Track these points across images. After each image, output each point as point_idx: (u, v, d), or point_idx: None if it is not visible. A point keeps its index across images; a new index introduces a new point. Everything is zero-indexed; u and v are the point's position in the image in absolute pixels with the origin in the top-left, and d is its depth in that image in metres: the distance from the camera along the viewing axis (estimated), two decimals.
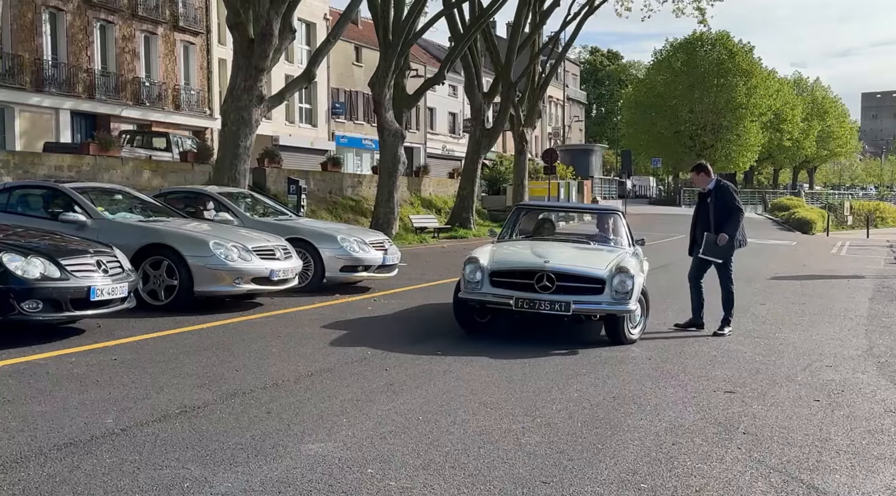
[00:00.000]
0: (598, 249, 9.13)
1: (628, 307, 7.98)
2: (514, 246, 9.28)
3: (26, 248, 7.32)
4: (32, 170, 18.84)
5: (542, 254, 8.36)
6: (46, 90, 27.98)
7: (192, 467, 4.22)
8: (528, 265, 8.10)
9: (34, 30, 27.45)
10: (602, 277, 7.98)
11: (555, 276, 7.87)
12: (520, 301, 7.87)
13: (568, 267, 8.05)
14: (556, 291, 7.85)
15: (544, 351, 7.75)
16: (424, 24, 25.82)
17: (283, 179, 24.53)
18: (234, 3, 16.95)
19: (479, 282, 8.08)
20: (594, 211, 12.04)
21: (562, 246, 9.21)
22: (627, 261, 8.32)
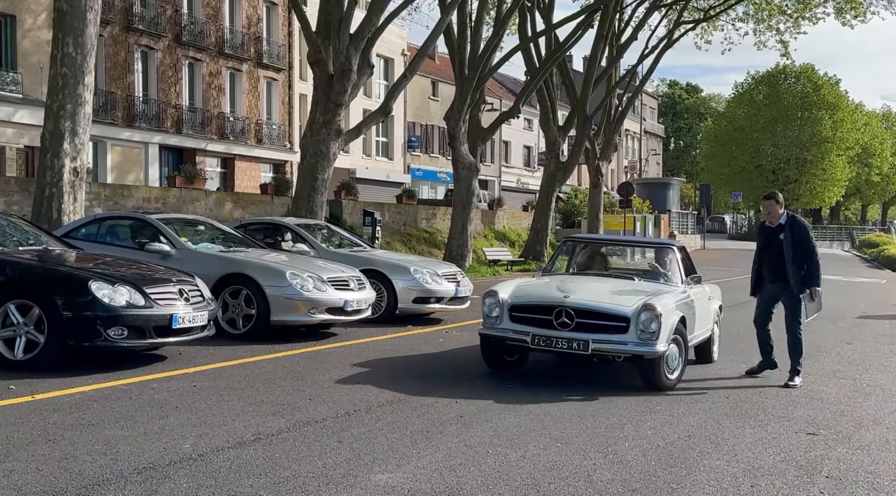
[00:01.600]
0: (636, 286, 8.35)
1: (655, 348, 7.22)
2: (545, 280, 8.76)
3: (113, 277, 7.62)
4: (122, 201, 19.64)
5: (567, 289, 7.74)
6: (137, 125, 29.23)
7: (266, 494, 4.28)
8: (547, 300, 7.56)
9: (127, 68, 28.79)
10: (625, 315, 7.30)
11: (574, 312, 7.31)
12: (536, 338, 7.35)
13: (588, 302, 7.44)
14: (575, 328, 7.29)
15: (615, 386, 7.62)
16: (500, 58, 26.05)
17: (358, 211, 24.93)
18: (315, 40, 17.46)
19: (499, 317, 7.63)
20: (645, 245, 11.02)
21: (597, 281, 8.54)
22: (660, 299, 7.55)
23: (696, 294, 8.57)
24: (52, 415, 5.68)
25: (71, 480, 4.33)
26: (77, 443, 5.01)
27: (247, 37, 33.68)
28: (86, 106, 12.32)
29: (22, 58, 24.91)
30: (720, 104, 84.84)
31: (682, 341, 7.68)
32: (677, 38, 34.02)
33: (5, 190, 17.44)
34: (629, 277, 8.79)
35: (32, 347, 7.14)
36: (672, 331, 7.40)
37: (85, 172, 12.61)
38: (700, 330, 8.57)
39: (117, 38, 28.21)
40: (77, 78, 12.10)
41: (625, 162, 69.83)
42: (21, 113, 24.32)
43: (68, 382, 6.68)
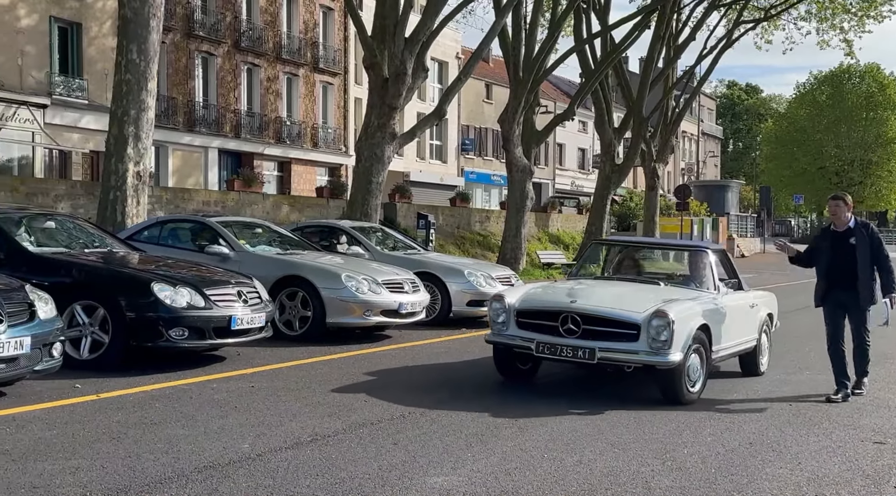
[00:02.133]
0: (657, 291, 7.65)
1: (668, 359, 6.66)
2: (560, 284, 8.39)
3: (175, 279, 7.78)
4: (183, 205, 20.08)
5: (576, 294, 7.26)
6: (197, 130, 29.85)
7: (322, 494, 4.32)
8: (553, 305, 7.10)
9: (188, 73, 29.43)
10: (635, 321, 6.77)
11: (580, 318, 6.84)
12: (541, 345, 6.91)
13: (595, 308, 6.95)
14: (582, 336, 6.82)
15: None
16: (555, 60, 25.90)
17: (412, 214, 25.03)
18: (371, 44, 17.60)
19: (505, 323, 7.20)
20: (675, 248, 10.10)
21: (615, 285, 8.00)
22: (676, 304, 6.96)
23: (731, 300, 7.96)
24: (116, 413, 5.82)
25: (134, 478, 4.43)
26: (140, 442, 5.12)
27: (303, 42, 34.13)
28: (149, 111, 12.62)
29: (88, 65, 25.65)
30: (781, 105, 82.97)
31: (704, 351, 7.11)
32: (737, 38, 33.35)
33: (72, 193, 17.98)
34: (654, 282, 8.15)
35: (97, 347, 7.34)
36: (689, 340, 6.83)
37: (148, 176, 12.92)
38: (736, 339, 7.93)
39: (179, 44, 28.85)
40: (140, 84, 12.41)
41: (682, 164, 68.77)
42: (87, 118, 25.05)
43: (131, 382, 6.84)
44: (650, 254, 10.45)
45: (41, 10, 24.12)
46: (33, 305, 6.16)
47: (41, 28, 24.20)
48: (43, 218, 9.21)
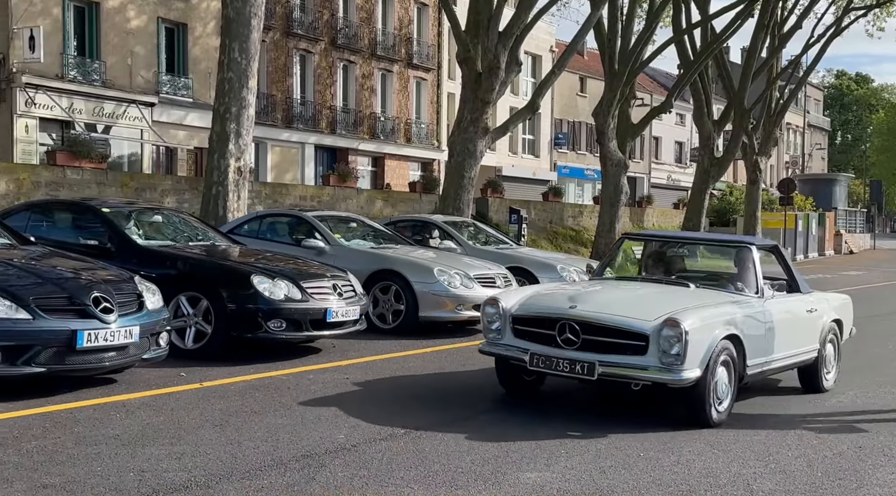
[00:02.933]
0: (680, 295, 6.56)
1: (681, 376, 5.64)
2: (571, 285, 7.67)
3: (273, 272, 7.99)
4: (280, 199, 20.61)
5: (580, 297, 6.31)
6: (294, 126, 30.57)
7: (416, 487, 4.35)
8: (550, 310, 6.17)
9: (286, 71, 30.17)
10: (642, 331, 5.76)
11: (579, 327, 5.90)
12: (535, 357, 6.00)
13: (596, 314, 5.96)
14: (581, 346, 5.89)
15: (777, 391, 7.20)
16: (652, 52, 25.34)
17: (504, 209, 24.96)
18: (465, 39, 17.62)
19: (500, 331, 6.33)
20: (712, 243, 8.71)
21: (634, 287, 6.92)
22: (693, 312, 5.90)
23: (778, 305, 6.83)
24: (218, 401, 6.02)
25: (235, 465, 4.56)
26: (241, 429, 5.28)
27: (398, 38, 34.48)
28: (249, 108, 12.99)
29: (192, 64, 26.62)
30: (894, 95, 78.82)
31: (732, 365, 6.09)
32: (846, 26, 31.84)
33: (177, 188, 18.70)
34: (683, 284, 6.93)
35: (201, 337, 7.60)
36: (712, 354, 5.80)
37: (248, 172, 13.30)
38: (785, 351, 6.84)
39: (278, 42, 29.60)
40: (242, 82, 12.77)
41: (785, 157, 66.23)
42: (191, 116, 26.01)
43: (233, 371, 7.06)
44: (690, 250, 9.22)
45: (149, 12, 25.15)
46: (142, 296, 6.43)
47: (149, 29, 25.24)
48: (150, 212, 9.61)
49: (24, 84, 21.65)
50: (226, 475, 4.37)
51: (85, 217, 8.67)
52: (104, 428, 5.14)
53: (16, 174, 15.64)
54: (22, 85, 21.62)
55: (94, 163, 16.93)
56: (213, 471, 4.41)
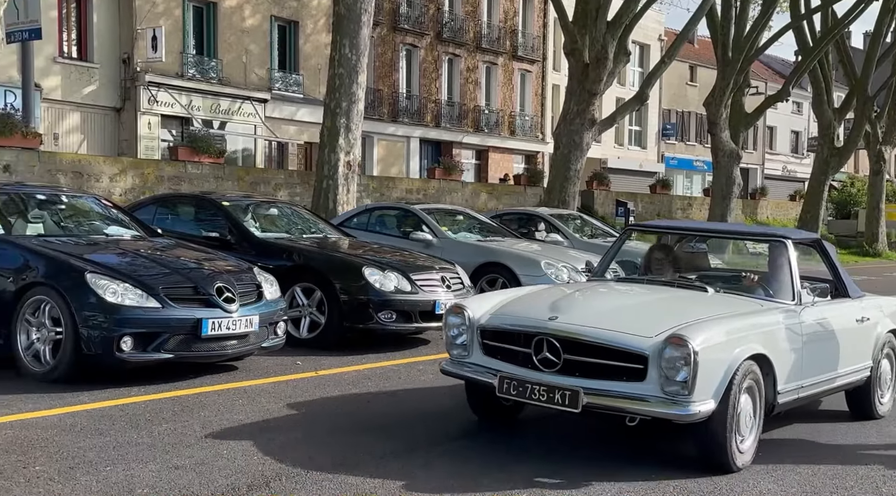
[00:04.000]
0: (695, 302, 5.21)
1: (689, 410, 4.35)
2: (559, 288, 6.19)
3: (383, 263, 8.13)
4: (387, 192, 20.97)
5: (564, 306, 4.98)
6: (400, 120, 30.99)
7: (543, 479, 4.35)
8: (525, 323, 4.86)
9: (393, 66, 30.60)
10: (639, 350, 4.46)
11: (559, 344, 4.61)
12: (505, 382, 4.69)
13: (581, 328, 4.63)
14: (563, 369, 4.60)
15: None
16: (768, 39, 24.42)
17: (610, 201, 24.61)
18: (572, 30, 17.43)
19: (467, 347, 5.03)
20: (739, 236, 7.31)
21: (638, 292, 5.53)
22: (705, 326, 4.57)
23: (820, 314, 5.49)
24: (333, 390, 6.19)
25: (351, 453, 4.67)
26: (355, 418, 5.42)
27: (503, 30, 34.40)
28: (359, 103, 13.26)
29: (303, 60, 27.35)
30: None
31: (758, 392, 4.77)
32: None
33: (289, 182, 19.30)
34: (700, 288, 5.52)
35: (315, 327, 7.83)
36: (728, 379, 4.49)
37: (357, 165, 13.60)
38: (828, 371, 5.50)
39: (385, 38, 30.04)
40: (352, 77, 13.05)
41: None
42: (302, 111, 26.74)
43: (346, 361, 7.24)
44: (714, 246, 7.50)
45: (263, 11, 25.97)
46: (260, 287, 6.67)
47: (263, 27, 26.08)
48: (266, 205, 9.95)
49: (147, 82, 22.75)
50: (344, 463, 4.48)
51: (206, 210, 9.05)
52: (228, 413, 5.37)
53: (141, 169, 16.49)
54: (145, 83, 22.73)
55: (213, 158, 17.67)
56: (333, 458, 4.54)
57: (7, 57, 18.33)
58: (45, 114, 20.96)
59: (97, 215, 7.63)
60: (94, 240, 6.93)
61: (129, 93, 22.90)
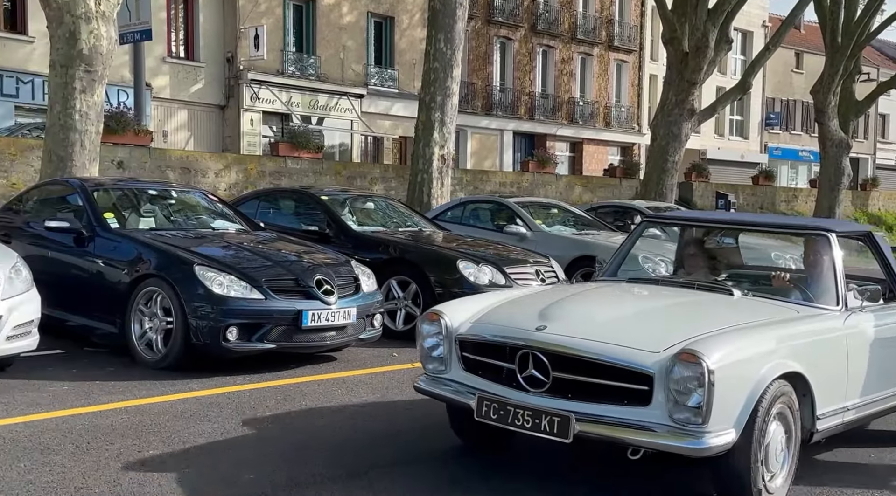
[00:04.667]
0: (720, 307, 4.42)
1: (705, 443, 3.60)
2: (558, 290, 5.21)
3: (477, 257, 8.17)
4: (481, 186, 21.01)
5: (556, 312, 4.16)
6: (494, 113, 30.97)
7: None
8: (509, 334, 4.08)
9: (487, 59, 30.60)
10: (642, 368, 3.72)
11: (547, 359, 3.88)
12: (484, 405, 3.97)
13: (572, 341, 3.88)
14: (551, 389, 3.88)
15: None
16: (881, 22, 23.23)
17: (710, 194, 23.94)
18: (671, 18, 17.03)
19: (444, 361, 4.28)
20: (776, 229, 6.38)
21: (650, 296, 4.75)
22: (731, 337, 3.84)
23: (871, 322, 4.59)
24: None
25: (448, 446, 4.73)
26: None
27: (598, 20, 33.89)
28: (453, 97, 13.34)
29: (398, 55, 27.67)
30: None
31: (792, 418, 3.98)
32: None
33: (384, 176, 19.58)
34: (726, 290, 4.69)
35: (410, 320, 7.92)
36: (754, 404, 3.72)
37: (451, 159, 13.69)
38: (880, 390, 4.64)
39: (479, 31, 30.05)
40: (446, 71, 13.14)
41: None
42: (397, 106, 27.07)
43: None
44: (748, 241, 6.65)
45: (360, 7, 26.40)
46: (358, 279, 6.81)
47: (360, 24, 26.50)
48: (363, 199, 10.14)
49: (250, 80, 23.48)
50: (439, 457, 4.54)
51: (306, 204, 9.30)
52: (328, 402, 5.52)
53: (244, 164, 17.04)
54: (248, 81, 23.47)
55: (311, 153, 18.10)
56: (428, 451, 4.61)
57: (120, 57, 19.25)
58: (155, 112, 21.91)
59: (204, 209, 7.95)
60: (202, 233, 7.23)
61: (232, 90, 23.68)
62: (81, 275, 6.64)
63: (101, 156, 10.13)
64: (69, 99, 9.08)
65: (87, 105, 9.17)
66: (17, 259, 5.78)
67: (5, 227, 7.38)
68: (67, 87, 9.06)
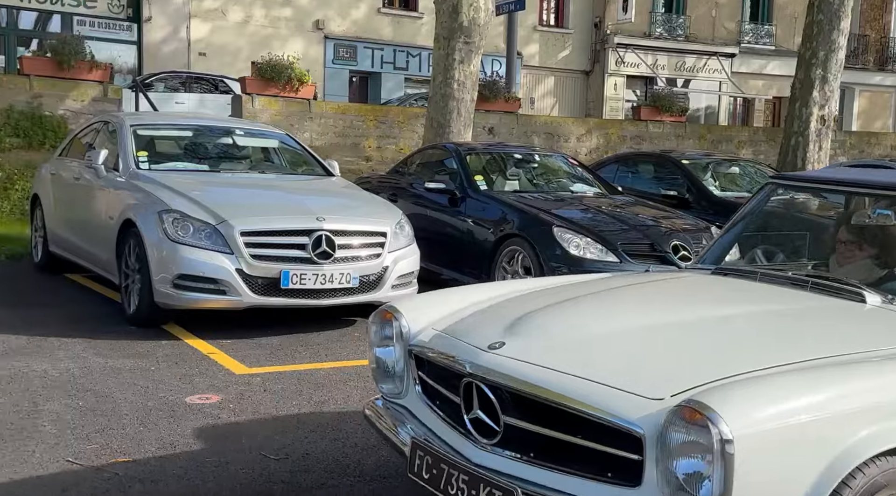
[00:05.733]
0: (812, 328, 2.70)
1: None
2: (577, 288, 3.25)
3: None
4: (868, 150, 18.80)
5: (530, 323, 2.68)
6: (889, 69, 27.38)
7: None
8: (454, 351, 2.66)
9: (883, 8, 27.07)
10: (628, 425, 2.15)
11: (494, 396, 2.46)
12: (418, 454, 2.62)
13: (530, 369, 2.41)
14: (505, 443, 2.44)
15: None
16: None
17: None
18: None
19: (401, 380, 2.92)
20: None
21: (703, 300, 3.03)
22: (792, 380, 2.18)
23: None
24: None
25: None
26: None
27: None
28: (838, 52, 12.04)
29: (777, 10, 25.66)
30: None
31: None
32: None
33: (753, 140, 18.41)
34: (854, 294, 2.88)
35: None
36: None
37: (832, 120, 12.42)
38: None
39: None
40: (832, 23, 11.87)
41: None
42: (772, 64, 25.20)
43: None
44: None
45: None
46: None
47: None
48: (727, 163, 9.65)
49: (616, 44, 23.47)
50: None
51: (665, 168, 9.11)
52: None
53: (605, 129, 17.17)
54: (613, 45, 23.48)
55: (674, 116, 17.63)
56: None
57: (495, 28, 20.42)
58: (524, 79, 22.93)
59: (565, 173, 8.18)
60: (561, 196, 7.45)
61: (598, 56, 23.88)
62: (454, 233, 7.22)
63: (474, 122, 10.88)
64: (449, 69, 9.86)
65: (465, 74, 9.89)
66: (401, 216, 6.45)
67: (392, 187, 8.28)
68: (448, 58, 9.84)
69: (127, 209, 5.81)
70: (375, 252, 5.85)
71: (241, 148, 7.37)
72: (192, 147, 7.12)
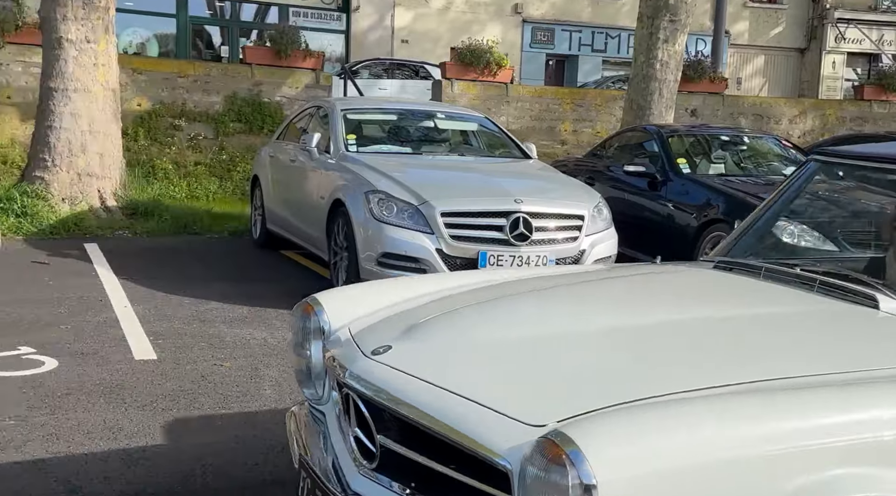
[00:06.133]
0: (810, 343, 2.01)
1: None
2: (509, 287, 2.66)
3: None
4: None
5: (425, 327, 2.20)
6: None
7: None
8: (340, 356, 2.22)
9: None
10: (491, 457, 1.66)
11: (368, 412, 2.04)
12: (302, 475, 2.27)
13: (396, 380, 1.98)
14: (383, 468, 2.00)
15: None
16: None
17: None
18: None
19: (321, 384, 2.39)
20: None
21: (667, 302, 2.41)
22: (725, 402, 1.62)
23: None
24: None
25: None
26: None
27: None
28: None
29: None
30: None
31: None
32: None
33: None
34: (866, 297, 2.21)
35: None
36: None
37: None
38: None
39: None
40: None
41: None
42: None
43: None
44: None
45: None
46: None
47: None
48: None
49: (836, 19, 21.70)
50: None
51: None
52: None
53: (822, 110, 15.96)
54: (833, 20, 21.73)
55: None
56: None
57: (702, 6, 19.51)
58: (731, 58, 21.76)
59: (776, 156, 7.70)
60: (772, 180, 7.01)
61: (815, 32, 22.21)
62: (653, 218, 7.01)
63: (677, 103, 10.47)
64: (652, 49, 9.55)
65: (668, 54, 9.53)
66: (599, 199, 6.34)
67: (590, 170, 8.16)
68: (652, 38, 9.53)
69: (336, 189, 6.12)
70: (573, 235, 5.79)
71: (442, 131, 7.54)
72: (395, 130, 7.38)
